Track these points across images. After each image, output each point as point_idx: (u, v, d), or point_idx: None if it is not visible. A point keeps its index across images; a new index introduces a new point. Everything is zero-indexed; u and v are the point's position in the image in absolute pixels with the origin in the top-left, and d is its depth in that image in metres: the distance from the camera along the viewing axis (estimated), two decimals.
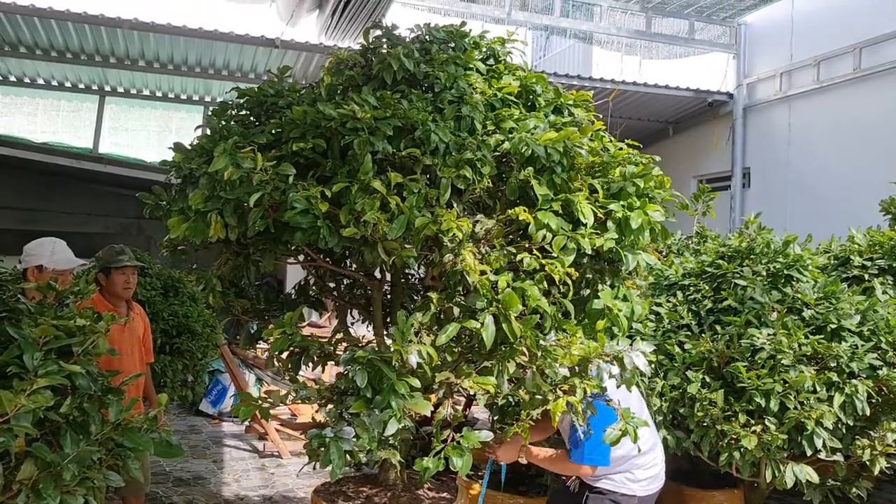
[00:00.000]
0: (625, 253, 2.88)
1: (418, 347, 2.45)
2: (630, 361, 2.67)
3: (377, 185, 2.48)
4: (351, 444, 2.37)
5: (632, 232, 2.84)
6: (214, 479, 6.35)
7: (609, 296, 2.87)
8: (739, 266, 4.22)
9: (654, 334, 4.07)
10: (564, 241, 2.73)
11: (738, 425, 3.58)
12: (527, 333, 2.56)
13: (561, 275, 2.64)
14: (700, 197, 6.40)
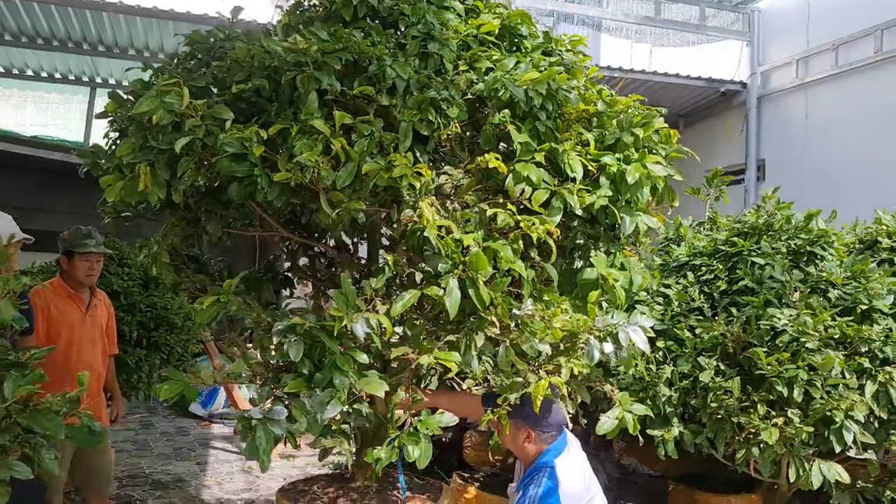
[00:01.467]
0: (621, 214, 2.47)
1: (367, 316, 2.05)
2: (626, 337, 2.27)
3: (318, 124, 2.08)
4: (282, 428, 1.97)
5: (628, 188, 2.43)
6: (195, 481, 5.97)
7: (603, 263, 2.47)
8: (757, 243, 3.81)
9: (662, 318, 3.67)
10: (546, 195, 2.32)
11: (757, 417, 3.17)
12: (497, 301, 2.15)
13: (540, 234, 2.22)
14: (713, 181, 5.99)
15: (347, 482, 3.07)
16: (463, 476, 5.47)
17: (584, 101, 2.62)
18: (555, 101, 2.48)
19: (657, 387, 3.35)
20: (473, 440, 6.27)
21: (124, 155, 2.33)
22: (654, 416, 3.43)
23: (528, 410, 2.63)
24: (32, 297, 3.90)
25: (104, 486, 4.24)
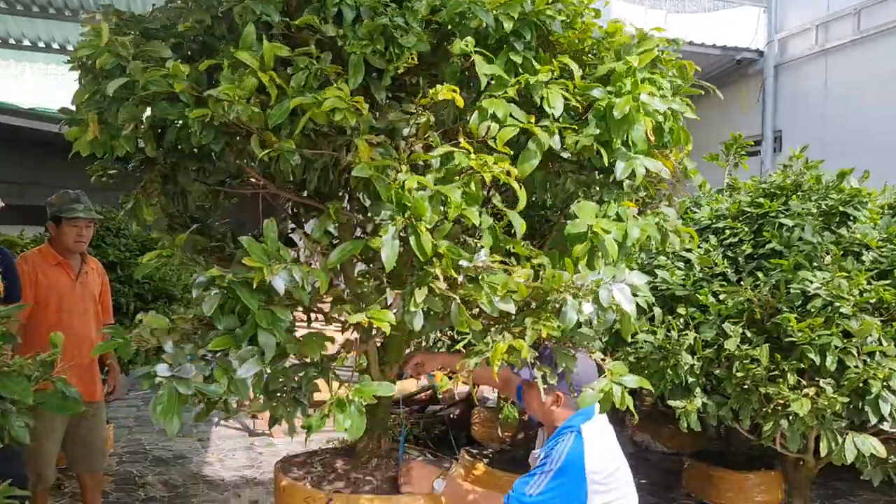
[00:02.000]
0: (611, 156, 2.17)
1: (290, 268, 1.80)
2: (608, 296, 1.98)
3: (246, 56, 1.84)
4: (190, 387, 1.75)
5: (616, 124, 2.12)
6: (197, 458, 5.82)
7: (591, 212, 2.15)
8: (784, 204, 3.57)
9: (684, 283, 3.44)
10: (513, 133, 2.02)
11: (787, 388, 2.95)
12: (443, 251, 1.91)
13: (498, 174, 1.94)
14: (732, 147, 5.74)
15: (351, 456, 2.88)
16: (471, 453, 5.30)
17: (575, 29, 2.32)
18: (533, 29, 2.17)
19: (678, 355, 3.13)
20: (482, 416, 6.10)
21: (77, 104, 2.12)
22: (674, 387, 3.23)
23: (559, 370, 2.46)
24: (19, 264, 3.72)
25: (98, 461, 4.08)
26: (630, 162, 2.18)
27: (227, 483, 5.19)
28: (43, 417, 3.63)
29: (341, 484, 2.60)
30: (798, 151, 3.92)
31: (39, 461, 3.71)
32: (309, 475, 2.74)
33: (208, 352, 1.83)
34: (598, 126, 2.15)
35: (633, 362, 3.34)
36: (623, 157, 2.18)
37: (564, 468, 2.40)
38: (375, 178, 1.85)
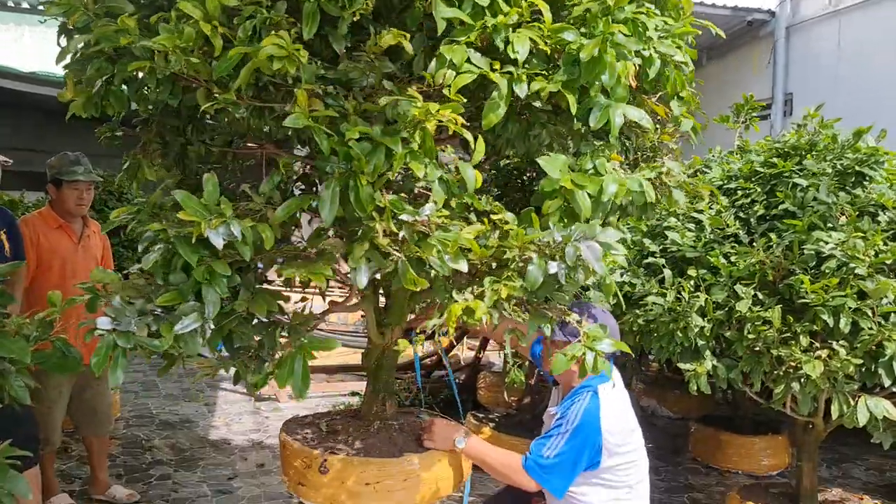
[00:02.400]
0: (588, 104, 2.03)
1: (230, 222, 1.73)
2: (573, 254, 1.88)
3: (187, 6, 1.73)
4: (130, 341, 1.69)
5: (587, 68, 1.96)
6: (203, 422, 5.84)
7: (559, 165, 2.00)
8: (799, 164, 3.49)
9: (695, 245, 3.38)
10: (468, 80, 1.88)
11: (799, 350, 2.90)
12: (384, 205, 1.82)
13: (448, 123, 1.81)
14: (743, 108, 5.62)
15: (358, 419, 2.85)
16: (477, 416, 5.30)
17: None
18: None
19: (689, 318, 3.08)
20: (488, 381, 6.09)
21: (59, 64, 2.05)
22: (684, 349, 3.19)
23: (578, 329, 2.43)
24: (21, 227, 3.68)
25: (103, 425, 4.08)
26: (605, 110, 2.02)
27: (233, 447, 5.20)
28: (49, 382, 3.63)
29: (340, 445, 2.57)
30: (813, 110, 3.82)
31: (46, 425, 3.70)
32: (311, 436, 2.72)
33: (157, 307, 1.78)
34: (568, 72, 2.00)
35: (643, 324, 3.29)
36: (597, 106, 2.03)
37: (580, 427, 2.39)
38: (315, 130, 1.76)
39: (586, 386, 2.47)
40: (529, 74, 1.99)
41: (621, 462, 2.47)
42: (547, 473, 2.39)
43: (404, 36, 1.89)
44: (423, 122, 1.82)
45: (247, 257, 1.80)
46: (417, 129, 1.83)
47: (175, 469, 4.67)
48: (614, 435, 2.44)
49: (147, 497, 4.17)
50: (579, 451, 2.40)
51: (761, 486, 4.01)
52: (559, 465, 2.38)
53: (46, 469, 3.82)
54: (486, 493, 4.17)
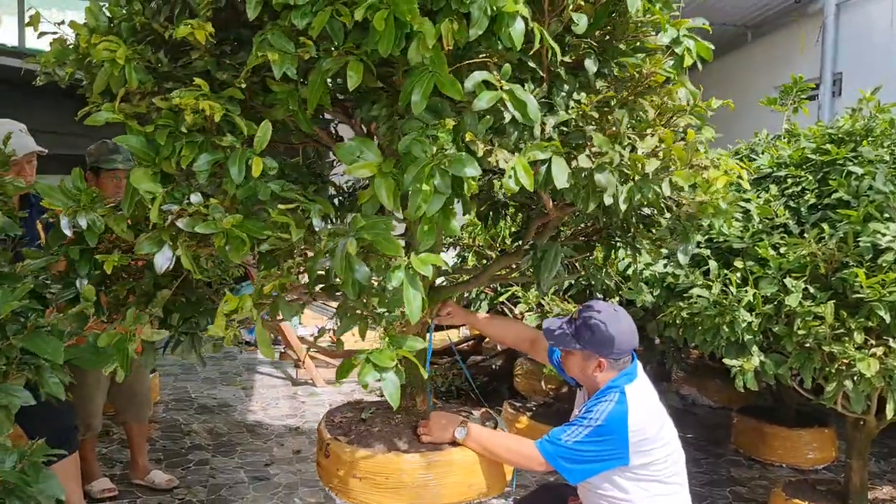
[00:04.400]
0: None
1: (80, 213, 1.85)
2: (341, 250, 1.79)
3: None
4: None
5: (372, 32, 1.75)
6: (241, 406, 5.89)
7: (351, 150, 1.85)
8: (854, 151, 3.33)
9: (742, 236, 3.25)
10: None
11: (853, 347, 2.78)
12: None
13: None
14: (792, 90, 5.42)
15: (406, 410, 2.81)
16: (514, 405, 5.24)
17: None
18: None
19: (735, 312, 2.97)
20: (525, 368, 6.02)
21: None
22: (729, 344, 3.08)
23: (598, 336, 2.36)
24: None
25: (143, 410, 4.12)
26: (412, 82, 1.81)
27: (269, 432, 5.23)
28: (90, 370, 3.66)
29: (353, 435, 2.58)
30: (869, 93, 3.64)
31: (88, 412, 3.75)
32: (340, 422, 2.72)
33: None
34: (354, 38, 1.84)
35: (686, 317, 3.19)
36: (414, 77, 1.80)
37: (606, 427, 2.32)
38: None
39: (613, 386, 2.39)
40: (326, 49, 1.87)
41: (657, 458, 2.40)
42: (560, 455, 2.31)
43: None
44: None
45: (92, 243, 1.94)
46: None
47: (213, 454, 4.70)
48: (643, 433, 2.36)
49: (185, 482, 4.20)
50: (599, 448, 2.33)
51: (807, 482, 3.89)
52: (574, 452, 2.31)
53: (87, 454, 3.87)
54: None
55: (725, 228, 3.23)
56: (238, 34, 2.22)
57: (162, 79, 2.11)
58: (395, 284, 1.78)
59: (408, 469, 2.39)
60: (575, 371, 2.52)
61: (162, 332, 2.10)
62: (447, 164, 1.78)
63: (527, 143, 1.96)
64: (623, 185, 2.07)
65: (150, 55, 2.08)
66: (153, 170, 1.89)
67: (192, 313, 2.34)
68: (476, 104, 1.81)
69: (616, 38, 2.16)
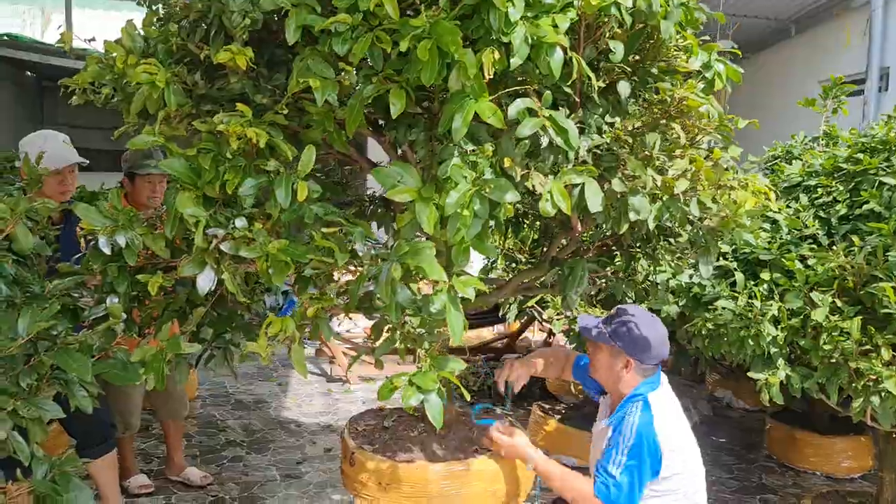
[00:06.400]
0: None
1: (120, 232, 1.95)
2: (385, 276, 1.87)
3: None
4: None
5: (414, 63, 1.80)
6: (276, 402, 6.01)
7: (392, 175, 1.92)
8: (887, 160, 3.26)
9: (769, 247, 3.22)
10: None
11: (880, 363, 2.74)
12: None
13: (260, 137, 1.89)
14: (830, 91, 5.30)
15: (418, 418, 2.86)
16: (543, 408, 5.26)
17: None
18: None
19: (761, 325, 2.95)
20: None
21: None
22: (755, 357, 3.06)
23: (633, 336, 2.39)
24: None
25: (180, 409, 4.24)
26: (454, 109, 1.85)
27: (303, 429, 5.33)
28: None
29: (382, 444, 2.63)
30: None
31: (126, 410, 3.88)
32: (363, 430, 2.78)
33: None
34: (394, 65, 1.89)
35: (712, 329, 3.18)
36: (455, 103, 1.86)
37: (637, 442, 2.34)
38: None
39: (636, 396, 2.41)
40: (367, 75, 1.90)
41: (679, 471, 2.41)
42: (618, 496, 2.34)
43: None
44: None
45: (131, 262, 1.97)
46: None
47: (247, 451, 4.82)
48: (671, 440, 2.38)
49: (220, 479, 4.32)
50: (640, 466, 2.35)
51: (838, 494, 3.84)
52: (628, 484, 2.34)
53: (125, 451, 4.00)
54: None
55: (752, 239, 3.20)
56: (273, 54, 2.28)
57: (199, 100, 2.18)
58: (438, 307, 1.83)
59: (433, 479, 2.45)
60: (601, 369, 2.54)
61: (195, 345, 2.16)
62: (488, 190, 1.82)
63: (562, 167, 1.99)
64: (652, 204, 2.09)
65: (186, 76, 2.14)
66: (196, 193, 1.94)
67: (225, 328, 2.41)
68: (520, 131, 1.86)
69: (648, 62, 2.17)
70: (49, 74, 9.65)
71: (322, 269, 1.94)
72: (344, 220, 1.96)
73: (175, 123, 2.09)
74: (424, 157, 2.09)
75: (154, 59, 2.09)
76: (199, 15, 2.15)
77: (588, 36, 2.04)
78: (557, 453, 4.48)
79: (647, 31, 2.10)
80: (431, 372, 1.91)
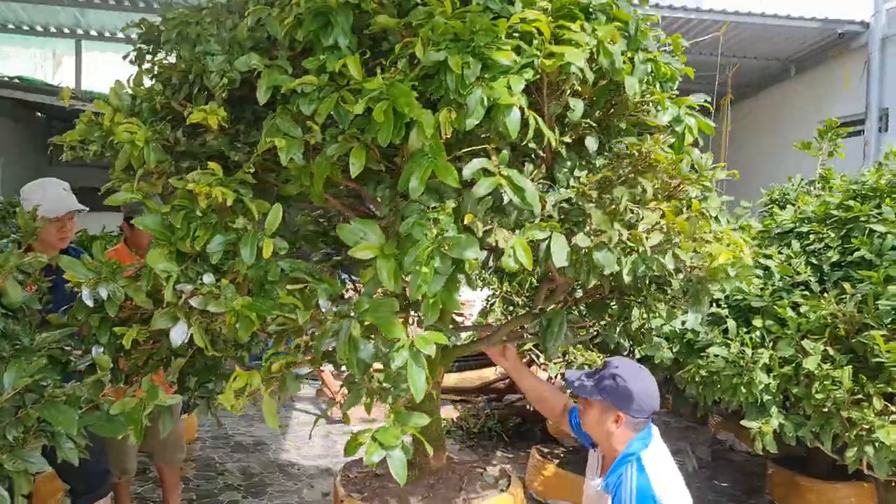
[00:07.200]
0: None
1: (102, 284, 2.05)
2: (344, 332, 1.92)
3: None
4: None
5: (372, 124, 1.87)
6: (275, 445, 5.99)
7: (354, 232, 1.97)
8: (878, 207, 3.28)
9: (761, 293, 3.23)
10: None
11: (873, 413, 2.73)
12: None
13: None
14: (826, 134, 5.34)
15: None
16: (542, 451, 5.21)
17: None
18: None
19: (753, 372, 2.94)
20: None
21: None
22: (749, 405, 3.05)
23: (619, 388, 2.38)
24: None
25: (175, 453, 4.23)
26: (411, 169, 1.93)
27: (301, 473, 5.30)
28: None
29: (372, 492, 2.63)
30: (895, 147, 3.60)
31: (122, 456, 3.88)
32: (355, 478, 2.78)
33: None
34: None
35: (705, 376, 3.17)
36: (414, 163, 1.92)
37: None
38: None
39: (629, 455, 2.39)
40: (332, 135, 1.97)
41: None
42: None
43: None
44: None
45: (112, 313, 2.03)
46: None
47: (243, 496, 4.80)
48: (671, 498, 2.35)
49: None
50: None
51: None
52: None
53: (122, 496, 3.99)
54: None
55: (744, 286, 3.21)
56: (254, 111, 2.34)
57: (179, 157, 2.23)
58: (398, 364, 1.84)
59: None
60: (591, 425, 2.52)
61: (176, 397, 2.18)
62: (447, 248, 1.85)
63: (525, 223, 2.01)
64: (626, 257, 2.10)
65: (168, 134, 2.20)
66: (169, 249, 1.99)
67: (209, 377, 2.44)
68: (476, 190, 1.88)
69: (616, 116, 2.20)
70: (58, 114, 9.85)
71: (287, 325, 1.97)
72: (309, 277, 1.99)
73: (154, 180, 2.15)
74: (388, 215, 2.12)
75: (139, 117, 2.16)
76: (181, 75, 2.22)
77: (552, 93, 2.07)
78: (555, 498, 4.45)
79: (612, 87, 2.14)
80: (394, 427, 1.92)
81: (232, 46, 2.17)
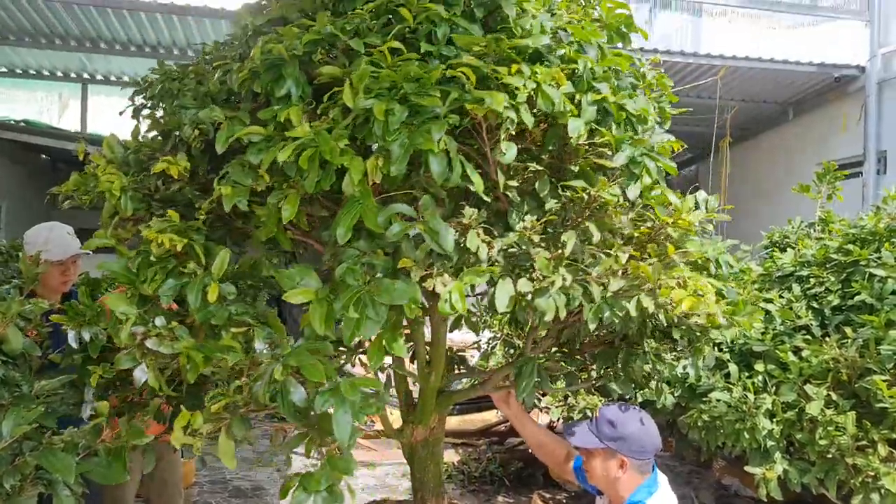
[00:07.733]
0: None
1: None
2: (268, 375, 1.91)
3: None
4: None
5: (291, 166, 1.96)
6: (274, 489, 5.90)
7: (291, 277, 1.98)
8: (877, 251, 3.29)
9: (763, 338, 3.22)
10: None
11: (878, 459, 2.70)
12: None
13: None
14: (824, 177, 5.38)
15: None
16: (543, 497, 5.15)
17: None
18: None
19: (756, 418, 2.92)
20: None
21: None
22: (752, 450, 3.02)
23: (619, 431, 2.36)
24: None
25: (174, 499, 4.18)
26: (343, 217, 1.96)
27: None
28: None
29: None
30: (894, 191, 3.62)
31: (120, 502, 3.83)
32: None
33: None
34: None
35: (707, 421, 3.15)
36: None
37: None
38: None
39: (635, 503, 2.37)
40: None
41: None
42: None
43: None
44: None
45: (93, 354, 2.12)
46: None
47: None
48: None
49: None
50: None
51: None
52: None
53: None
54: None
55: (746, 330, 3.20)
56: (230, 160, 2.39)
57: (159, 204, 2.29)
58: (320, 408, 1.83)
59: None
60: (597, 475, 2.49)
61: (149, 437, 2.18)
62: (377, 293, 1.86)
63: (465, 268, 2.02)
64: (591, 304, 2.09)
65: (150, 183, 2.26)
66: (133, 292, 2.03)
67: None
68: (388, 235, 1.92)
69: (566, 160, 2.22)
70: (62, 157, 9.97)
71: (224, 367, 1.98)
72: (252, 321, 2.02)
73: (129, 226, 2.21)
74: (329, 260, 2.15)
75: (126, 167, 2.24)
76: (162, 128, 2.29)
77: (491, 137, 2.09)
78: None
79: (561, 130, 2.14)
80: (320, 472, 1.92)
81: (204, 100, 2.25)
